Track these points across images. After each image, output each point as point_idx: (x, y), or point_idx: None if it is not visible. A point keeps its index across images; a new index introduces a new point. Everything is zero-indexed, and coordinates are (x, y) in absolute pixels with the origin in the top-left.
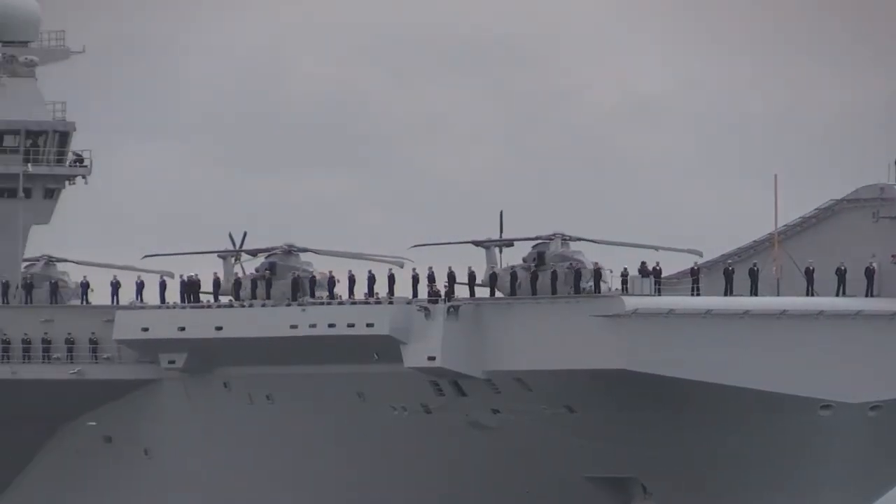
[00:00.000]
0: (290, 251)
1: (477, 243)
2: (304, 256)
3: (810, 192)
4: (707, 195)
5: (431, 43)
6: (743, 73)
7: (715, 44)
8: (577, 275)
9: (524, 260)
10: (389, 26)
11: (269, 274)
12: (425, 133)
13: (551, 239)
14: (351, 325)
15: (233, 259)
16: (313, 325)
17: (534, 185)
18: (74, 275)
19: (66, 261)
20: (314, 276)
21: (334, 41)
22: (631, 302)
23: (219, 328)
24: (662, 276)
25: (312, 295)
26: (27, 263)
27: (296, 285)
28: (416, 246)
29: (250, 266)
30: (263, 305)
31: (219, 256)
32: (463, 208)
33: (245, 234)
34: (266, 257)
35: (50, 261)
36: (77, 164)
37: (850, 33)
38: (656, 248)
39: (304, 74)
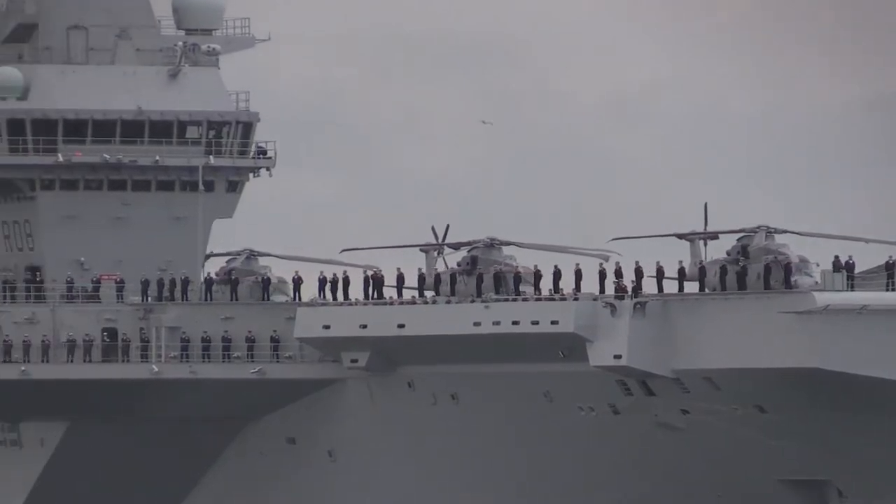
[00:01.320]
0: (493, 244)
1: (680, 236)
2: (506, 250)
3: None
4: None
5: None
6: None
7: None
8: (787, 269)
9: (728, 253)
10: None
11: (470, 268)
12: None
13: (755, 232)
14: (535, 323)
15: (435, 253)
16: (497, 323)
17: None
18: (276, 270)
19: (268, 255)
20: (518, 271)
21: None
22: (823, 298)
23: (401, 326)
24: (856, 270)
25: (517, 290)
26: (229, 258)
27: (498, 280)
28: (615, 239)
29: (452, 260)
30: (448, 302)
31: (421, 250)
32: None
33: (448, 228)
34: (468, 251)
35: (252, 255)
36: (261, 156)
37: (833, 34)
38: (866, 241)
39: None
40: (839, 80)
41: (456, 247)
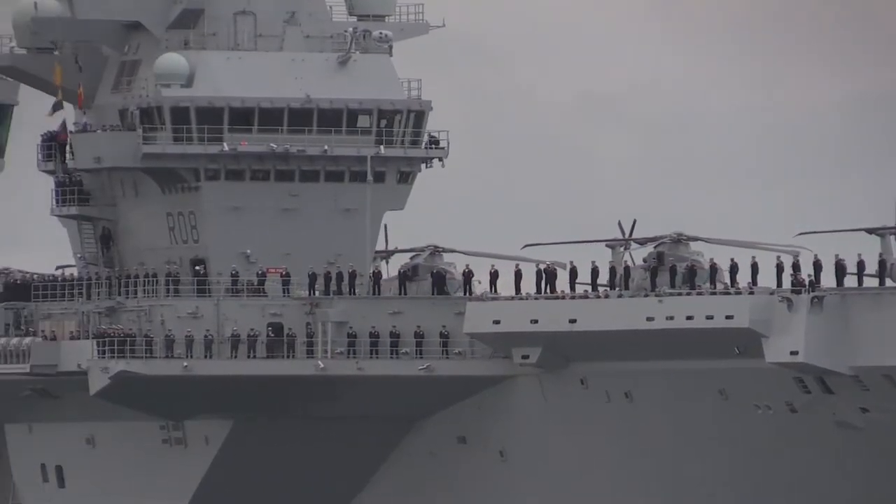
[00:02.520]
0: (679, 240)
1: (871, 231)
2: (693, 245)
3: None
4: None
5: None
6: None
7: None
8: None
9: None
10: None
11: (656, 263)
12: None
13: None
14: (710, 318)
15: (621, 248)
16: (670, 318)
17: None
18: (460, 266)
19: (453, 251)
20: (705, 265)
21: None
22: None
23: (572, 321)
24: None
25: (713, 284)
26: (412, 254)
27: (692, 276)
28: (802, 234)
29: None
30: (620, 296)
31: (607, 246)
32: None
33: (634, 222)
34: (654, 246)
35: (436, 251)
36: (433, 146)
37: (815, 33)
38: None
39: None
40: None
41: (642, 242)
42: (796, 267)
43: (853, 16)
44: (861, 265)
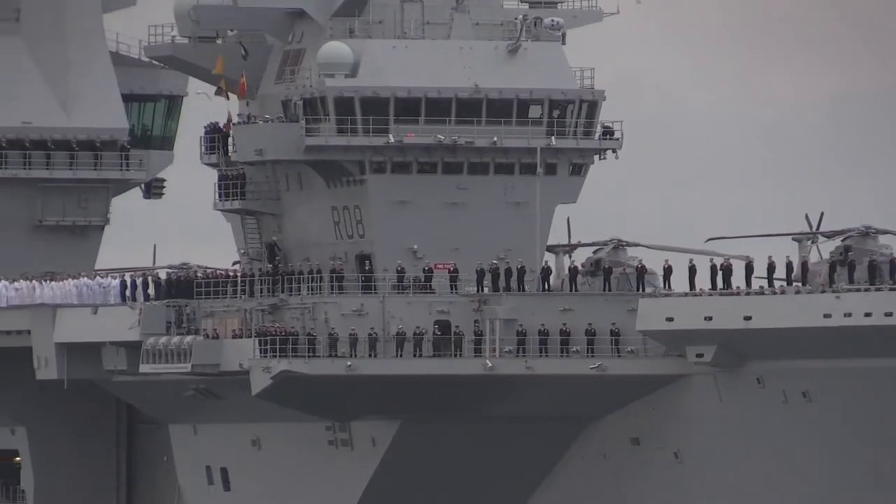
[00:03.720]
0: (867, 233)
1: None
2: (882, 238)
3: None
4: None
5: None
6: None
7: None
8: None
9: None
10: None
11: (843, 258)
12: None
13: None
14: (889, 314)
15: (808, 242)
16: (848, 315)
17: None
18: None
19: (637, 245)
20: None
21: None
22: None
23: (747, 318)
24: None
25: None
26: (596, 248)
27: (873, 271)
28: None
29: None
30: (797, 292)
31: (793, 239)
32: None
33: (822, 215)
34: (842, 240)
35: (620, 245)
36: (606, 137)
37: (797, 31)
38: None
39: None
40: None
41: (830, 235)
42: None
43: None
44: None
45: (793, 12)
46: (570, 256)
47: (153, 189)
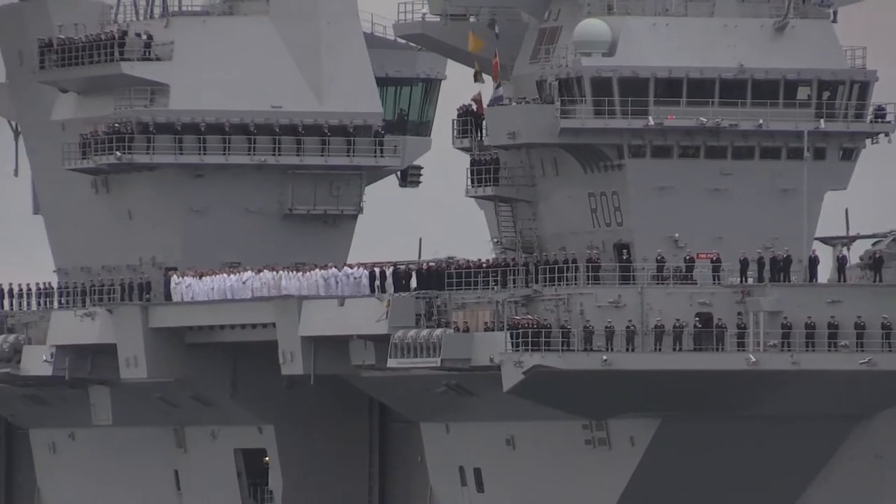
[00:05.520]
0: None
1: None
2: None
3: None
4: None
5: None
6: None
7: None
8: None
9: None
10: None
11: None
12: None
13: None
14: None
15: None
16: None
17: None
18: None
19: None
20: None
21: None
22: None
23: None
24: None
25: None
26: (874, 240)
27: None
28: None
29: None
30: None
31: None
32: None
33: None
34: None
35: None
36: (878, 119)
37: None
38: None
39: None
40: None
41: None
42: None
43: None
44: None
45: None
46: (848, 249)
47: (410, 177)
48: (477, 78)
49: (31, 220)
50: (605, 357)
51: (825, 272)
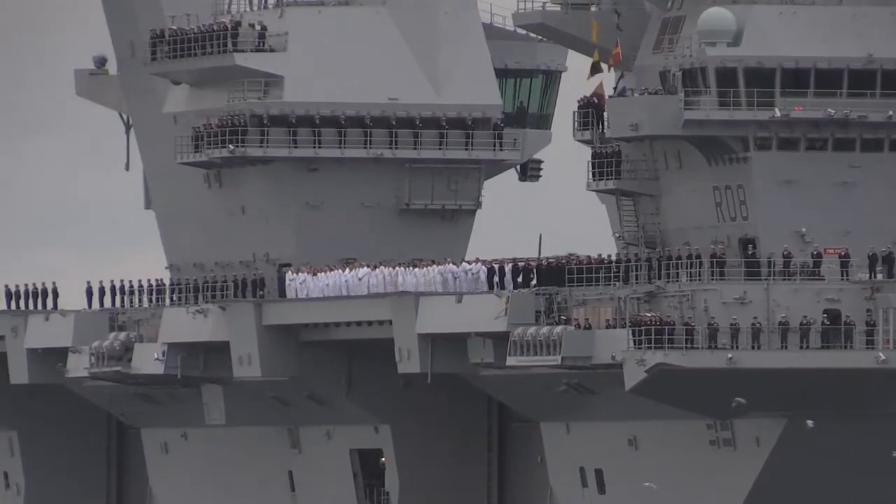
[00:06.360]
0: None
1: None
2: None
3: None
4: None
5: None
6: None
7: None
8: None
9: None
10: None
11: None
12: None
13: None
14: None
15: None
16: None
17: None
18: None
19: None
20: None
21: None
22: None
23: None
24: None
25: None
26: None
27: None
28: None
29: None
30: None
31: None
32: None
33: None
34: None
35: None
36: None
37: None
38: None
39: None
40: None
41: None
42: None
43: None
44: None
45: None
46: None
47: (529, 171)
48: (594, 69)
49: (142, 216)
50: (729, 355)
51: None
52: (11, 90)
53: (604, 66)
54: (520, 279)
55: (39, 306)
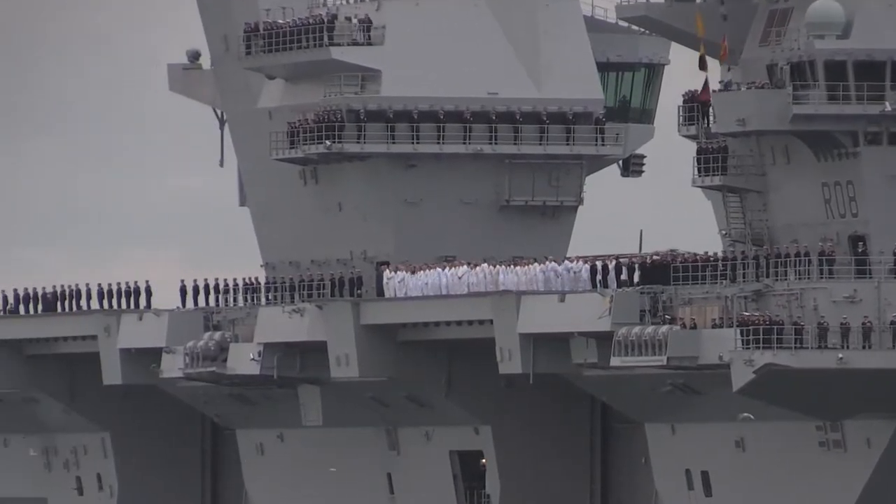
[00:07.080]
0: None
1: None
2: None
3: None
4: None
5: None
6: None
7: None
8: None
9: None
10: None
11: None
12: None
13: None
14: None
15: None
16: None
17: None
18: None
19: None
20: None
21: None
22: None
23: None
24: None
25: None
26: None
27: None
28: None
29: None
30: None
31: None
32: None
33: None
34: None
35: None
36: None
37: None
38: None
39: None
40: None
41: None
42: None
43: None
44: None
45: None
46: None
47: (632, 166)
48: (702, 64)
49: (237, 213)
50: (840, 355)
51: None
52: (106, 87)
53: (713, 60)
54: (623, 277)
55: (132, 305)
